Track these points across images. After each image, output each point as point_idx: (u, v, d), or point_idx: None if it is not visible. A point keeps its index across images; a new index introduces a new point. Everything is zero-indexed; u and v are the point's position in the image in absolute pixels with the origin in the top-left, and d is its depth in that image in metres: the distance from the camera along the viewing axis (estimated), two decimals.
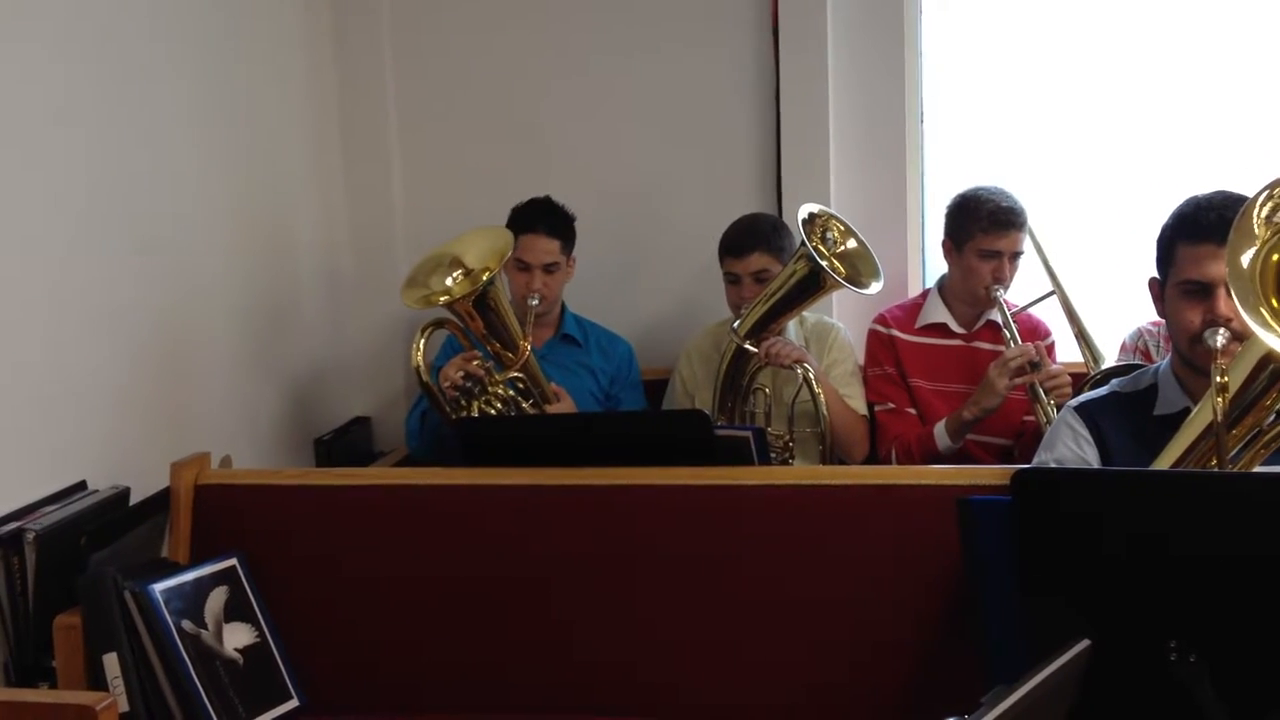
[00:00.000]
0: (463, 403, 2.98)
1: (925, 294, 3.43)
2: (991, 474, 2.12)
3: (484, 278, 2.96)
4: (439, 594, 2.42)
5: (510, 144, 3.78)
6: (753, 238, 3.26)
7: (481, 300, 2.97)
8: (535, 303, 3.19)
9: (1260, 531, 1.36)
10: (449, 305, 3.00)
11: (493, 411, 2.97)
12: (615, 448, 2.44)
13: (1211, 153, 3.52)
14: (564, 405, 3.12)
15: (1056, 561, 1.42)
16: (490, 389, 3.00)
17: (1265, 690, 1.37)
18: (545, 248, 3.26)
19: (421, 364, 3.01)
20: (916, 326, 3.36)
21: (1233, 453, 2.02)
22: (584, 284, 3.52)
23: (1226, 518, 1.38)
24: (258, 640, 2.37)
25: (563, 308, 3.46)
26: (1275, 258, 1.90)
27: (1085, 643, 1.22)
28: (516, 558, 2.40)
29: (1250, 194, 2.16)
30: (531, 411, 3.03)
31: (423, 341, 3.00)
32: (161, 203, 2.86)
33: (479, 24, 3.79)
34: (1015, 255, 3.21)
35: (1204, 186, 2.28)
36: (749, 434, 2.56)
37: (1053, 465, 2.25)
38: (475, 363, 3.01)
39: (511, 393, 3.02)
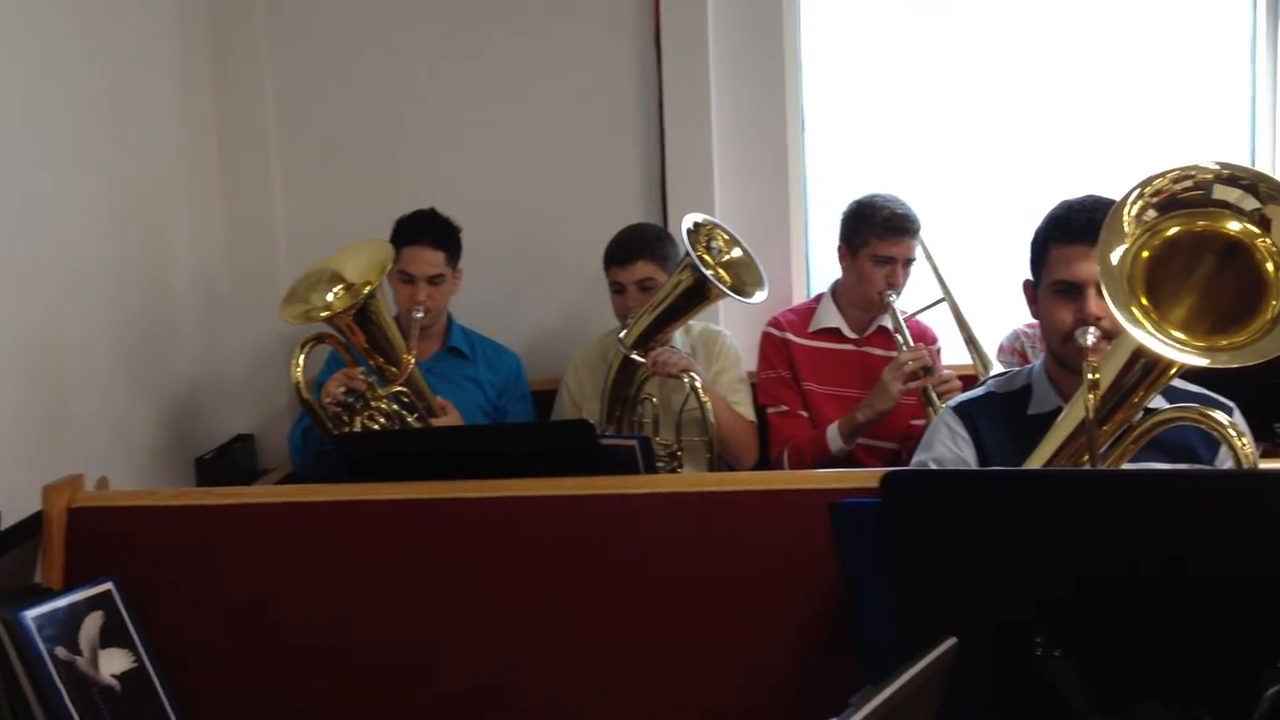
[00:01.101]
0: (345, 418, 2.94)
1: (818, 298, 3.47)
2: (875, 477, 2.11)
3: (364, 291, 2.93)
4: (324, 614, 2.36)
5: (394, 157, 3.76)
6: (637, 247, 3.28)
7: (363, 314, 2.94)
8: (420, 315, 3.17)
9: (1121, 527, 1.39)
10: (329, 320, 2.96)
11: (375, 426, 2.94)
12: (501, 460, 2.43)
13: (1083, 157, 3.64)
14: (450, 418, 3.10)
15: (926, 562, 1.44)
16: (374, 404, 2.97)
17: (1128, 681, 1.40)
18: (429, 259, 3.24)
19: (302, 380, 2.96)
20: (810, 330, 3.40)
21: (1103, 448, 2.07)
22: (471, 296, 3.50)
23: (1089, 514, 1.41)
24: (135, 666, 2.29)
25: (449, 320, 3.43)
26: (1144, 255, 1.94)
27: (951, 641, 1.23)
28: (403, 575, 2.36)
29: (1120, 197, 2.25)
30: (416, 425, 3.00)
31: (303, 357, 2.96)
32: (33, 221, 2.78)
33: (359, 36, 3.76)
34: (908, 261, 3.27)
35: (1076, 190, 2.34)
36: (634, 443, 2.56)
37: (931, 464, 2.29)
38: (358, 378, 2.97)
39: (395, 407, 2.99)
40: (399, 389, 3.01)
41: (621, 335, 3.21)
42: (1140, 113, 3.62)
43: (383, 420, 2.95)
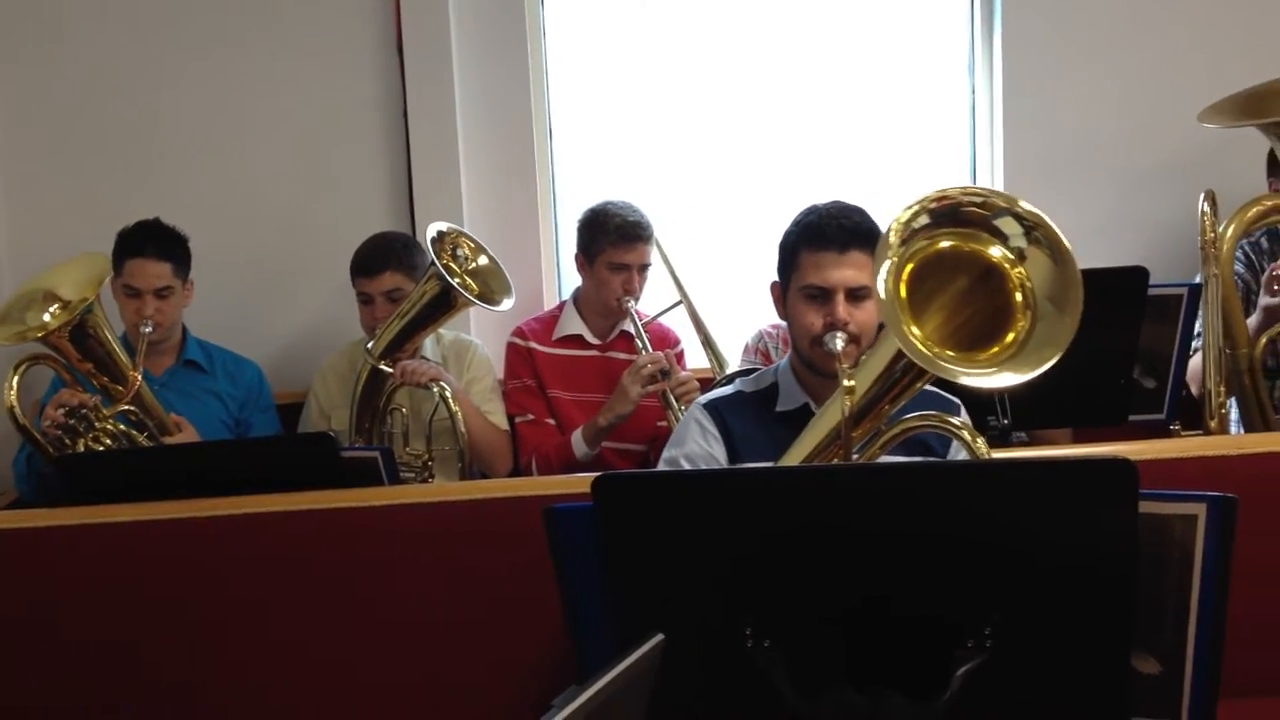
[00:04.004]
0: (68, 441, 2.81)
1: (561, 306, 3.50)
2: None
3: (80, 308, 2.81)
4: (56, 643, 2.27)
5: (123, 166, 3.63)
6: (383, 258, 3.23)
7: (80, 331, 2.83)
8: (149, 330, 3.05)
9: (824, 519, 1.45)
10: (45, 339, 2.84)
11: (100, 449, 2.80)
12: (239, 476, 2.36)
13: (814, 163, 3.78)
14: (186, 435, 3.00)
15: (639, 562, 1.47)
16: (99, 425, 2.84)
17: (832, 668, 1.46)
18: (155, 271, 3.12)
19: (16, 404, 2.83)
20: (554, 338, 3.42)
21: (855, 449, 2.13)
22: (211, 307, 3.41)
23: (792, 509, 1.46)
24: None
25: (184, 332, 3.33)
26: (910, 268, 2.00)
27: (658, 638, 1.25)
28: (140, 598, 2.29)
29: (844, 199, 2.34)
30: (146, 444, 2.88)
31: (15, 379, 2.83)
32: None
33: (84, 38, 3.61)
34: (644, 267, 3.32)
35: (810, 195, 2.41)
36: (377, 454, 2.54)
37: (683, 461, 2.32)
38: (79, 399, 2.84)
39: (123, 426, 2.87)
40: (126, 408, 2.90)
41: (369, 346, 3.16)
42: (869, 121, 3.78)
43: (109, 441, 2.83)
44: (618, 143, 3.85)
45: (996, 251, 1.97)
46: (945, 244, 1.98)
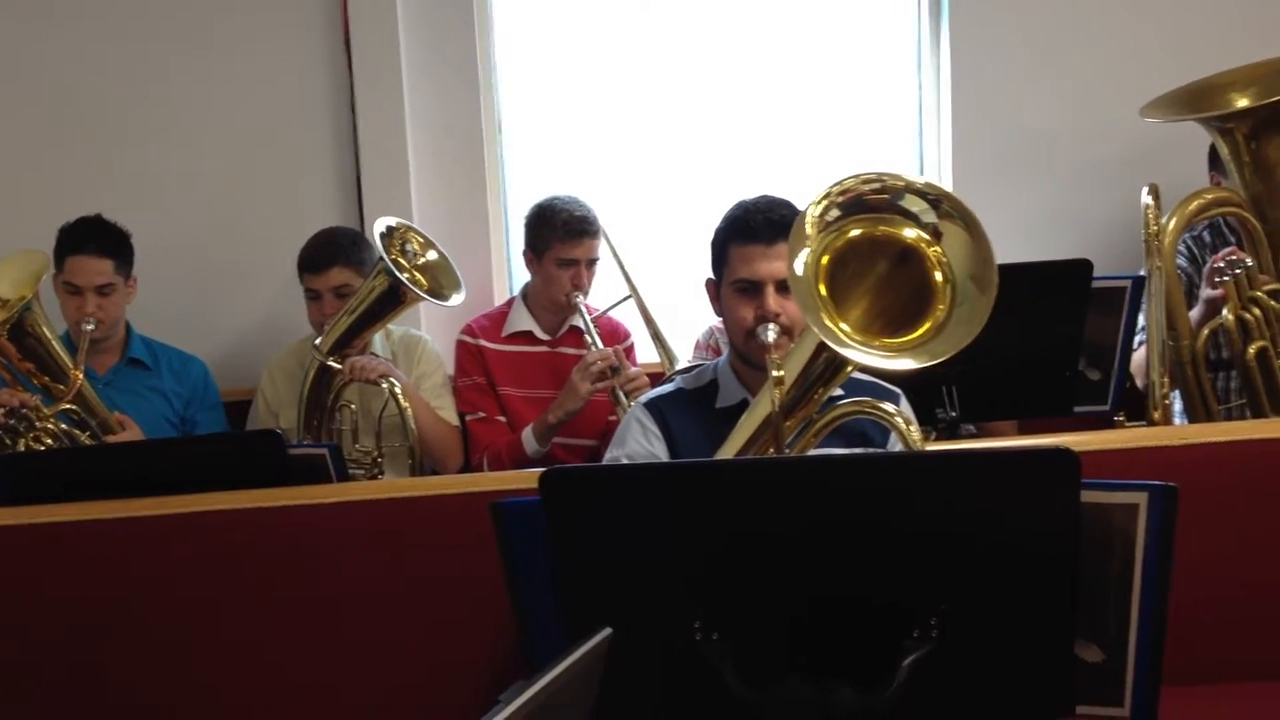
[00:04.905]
0: (8, 441, 2.77)
1: (510, 302, 3.48)
2: None
3: (17, 306, 2.77)
4: None
5: (64, 164, 3.58)
6: (331, 253, 3.21)
7: (19, 330, 2.80)
8: (91, 327, 3.01)
9: (770, 511, 1.45)
10: None
11: (41, 448, 2.76)
12: (183, 475, 2.34)
13: (764, 158, 3.79)
14: (130, 434, 2.96)
15: (587, 557, 1.47)
16: (40, 424, 2.80)
17: (780, 659, 1.46)
18: (96, 268, 3.08)
19: None
20: (503, 335, 3.40)
21: (788, 440, 2.15)
22: (154, 304, 3.37)
23: (739, 501, 1.46)
24: None
25: (128, 330, 3.29)
26: (826, 258, 2.02)
27: (607, 632, 1.25)
28: (83, 600, 2.26)
29: (792, 196, 2.34)
30: (89, 444, 2.84)
31: None
32: None
33: (26, 33, 3.55)
34: (592, 262, 3.31)
35: (759, 189, 2.42)
36: (325, 451, 2.52)
37: (624, 460, 2.32)
38: (19, 398, 2.80)
39: (65, 426, 2.84)
40: (68, 406, 2.86)
41: (317, 342, 3.13)
42: (819, 118, 3.80)
43: (49, 441, 2.79)
44: (568, 137, 3.84)
45: (911, 233, 2.00)
46: (855, 231, 2.02)
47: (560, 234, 3.25)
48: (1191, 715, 1.84)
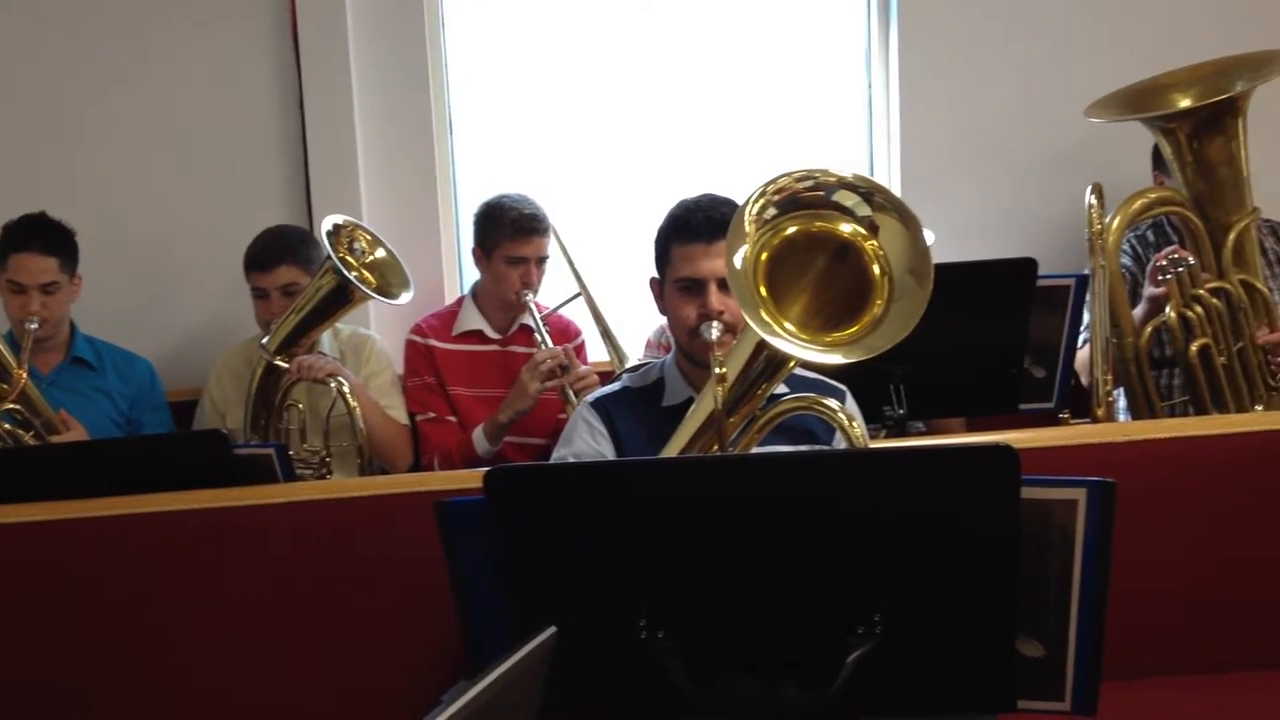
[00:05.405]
0: None
1: (460, 301, 3.47)
2: None
3: None
4: None
5: (6, 161, 3.51)
6: (279, 251, 3.18)
7: None
8: (34, 326, 2.97)
9: (715, 509, 1.46)
10: None
11: None
12: (128, 475, 2.32)
13: (714, 157, 3.79)
14: (74, 434, 2.93)
15: (531, 555, 1.47)
16: None
17: (726, 657, 1.47)
18: (40, 266, 3.04)
19: None
20: (453, 334, 3.39)
21: (732, 437, 2.16)
22: (99, 302, 3.33)
23: (684, 499, 1.47)
24: None
25: (72, 329, 3.24)
26: (764, 256, 2.04)
27: (550, 631, 1.25)
28: (26, 601, 2.25)
29: (741, 196, 2.35)
30: (33, 443, 2.81)
31: None
32: None
33: None
34: (542, 260, 3.30)
35: (713, 190, 2.43)
36: (271, 451, 2.51)
37: (571, 459, 2.32)
38: None
39: (8, 426, 2.80)
40: (11, 406, 2.83)
41: (264, 341, 3.11)
42: (769, 117, 3.81)
43: None
44: (519, 135, 3.82)
45: (847, 227, 2.02)
46: (792, 229, 2.03)
47: (509, 232, 3.24)
48: (1131, 709, 1.87)
